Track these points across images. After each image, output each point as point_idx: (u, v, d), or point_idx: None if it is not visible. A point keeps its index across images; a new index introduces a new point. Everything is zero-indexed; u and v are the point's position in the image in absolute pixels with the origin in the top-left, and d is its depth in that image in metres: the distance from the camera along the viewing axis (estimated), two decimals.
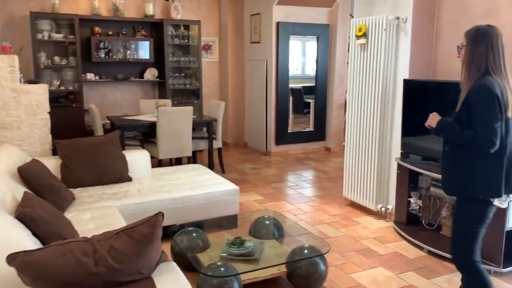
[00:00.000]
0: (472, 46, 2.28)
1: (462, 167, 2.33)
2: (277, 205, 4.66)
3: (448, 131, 2.37)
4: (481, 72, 2.25)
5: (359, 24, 4.17)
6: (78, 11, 6.44)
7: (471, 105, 2.24)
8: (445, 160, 2.44)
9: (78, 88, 6.36)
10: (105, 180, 3.90)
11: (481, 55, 2.25)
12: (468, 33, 2.33)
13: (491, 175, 2.27)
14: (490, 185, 2.28)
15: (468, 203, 2.35)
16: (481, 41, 2.26)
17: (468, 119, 2.26)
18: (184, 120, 5.15)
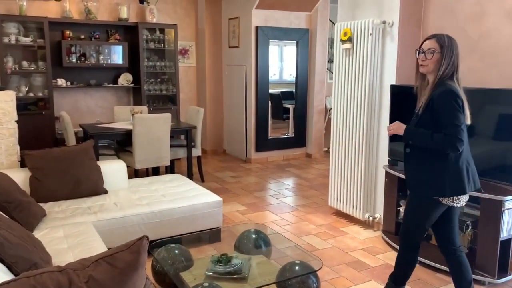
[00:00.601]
0: (448, 53, 2.40)
1: (426, 168, 2.47)
2: (261, 216, 4.49)
3: (418, 136, 2.47)
4: (446, 78, 2.39)
5: (344, 28, 4.05)
6: (48, 14, 6.13)
7: (440, 108, 2.36)
8: (408, 162, 2.58)
9: (48, 95, 6.05)
10: (78, 193, 3.65)
11: (452, 63, 2.40)
12: (441, 40, 2.43)
13: (454, 174, 2.42)
14: (454, 183, 2.42)
15: (426, 199, 2.49)
16: (453, 49, 2.41)
17: (432, 121, 2.40)
18: (161, 128, 4.93)
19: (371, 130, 4.00)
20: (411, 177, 2.58)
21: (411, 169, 2.58)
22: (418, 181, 2.53)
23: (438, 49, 2.41)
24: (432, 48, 2.42)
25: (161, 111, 6.65)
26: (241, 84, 6.92)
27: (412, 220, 2.63)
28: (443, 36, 2.45)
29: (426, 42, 2.49)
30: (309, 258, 2.89)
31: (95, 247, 2.70)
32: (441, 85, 2.39)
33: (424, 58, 2.45)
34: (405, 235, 2.69)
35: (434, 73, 2.44)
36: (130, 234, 3.33)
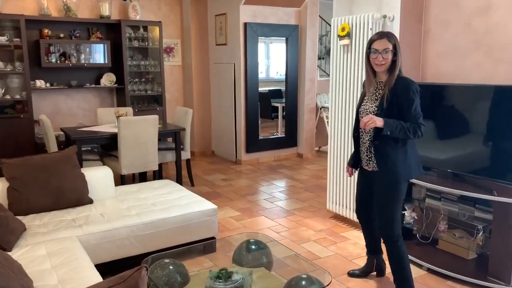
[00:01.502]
0: (399, 50, 2.64)
1: (395, 156, 2.66)
2: (256, 222, 4.27)
3: (397, 128, 2.57)
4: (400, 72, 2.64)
5: (341, 23, 3.85)
6: (24, 11, 5.80)
7: (409, 100, 2.58)
8: (378, 152, 2.71)
9: (27, 97, 5.72)
10: (61, 204, 3.38)
11: (401, 59, 2.66)
12: (393, 39, 2.63)
13: (416, 157, 2.74)
14: (418, 165, 2.74)
15: (404, 184, 2.70)
16: (400, 45, 2.66)
17: (398, 113, 2.59)
18: (149, 131, 4.67)
19: None
20: (386, 167, 2.69)
21: (380, 159, 2.70)
22: (390, 168, 2.67)
23: (392, 48, 2.61)
24: (387, 48, 2.59)
25: (146, 112, 6.38)
26: (230, 83, 6.68)
27: (393, 208, 2.73)
28: (391, 35, 2.64)
29: (378, 43, 2.62)
30: (314, 270, 2.69)
31: (82, 266, 2.45)
32: (400, 79, 2.61)
33: (382, 59, 2.60)
34: (391, 227, 2.74)
35: (389, 70, 2.63)
36: (119, 248, 3.08)
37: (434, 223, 3.48)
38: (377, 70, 2.67)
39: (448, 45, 3.50)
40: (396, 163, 2.66)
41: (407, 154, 2.67)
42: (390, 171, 2.68)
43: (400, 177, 2.68)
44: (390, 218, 2.73)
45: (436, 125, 3.34)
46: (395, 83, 2.61)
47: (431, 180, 3.27)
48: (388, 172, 2.68)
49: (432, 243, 3.49)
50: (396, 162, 2.66)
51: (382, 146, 2.66)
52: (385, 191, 2.72)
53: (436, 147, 3.33)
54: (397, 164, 2.66)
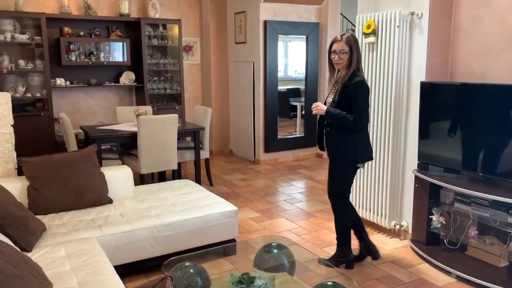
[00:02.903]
0: (355, 51, 2.95)
1: (345, 142, 3.01)
2: (276, 224, 4.18)
3: (335, 116, 2.96)
4: (355, 70, 2.94)
5: (367, 20, 3.73)
6: (45, 10, 5.81)
7: (353, 95, 2.90)
8: (330, 138, 3.10)
9: (47, 95, 5.73)
10: (81, 203, 3.35)
11: (357, 57, 2.96)
12: (349, 42, 2.95)
13: (365, 145, 3.06)
14: (365, 152, 3.06)
15: (350, 168, 3.07)
16: (358, 46, 2.99)
17: (348, 105, 2.92)
18: (168, 130, 4.62)
19: (398, 130, 3.69)
20: (335, 151, 3.09)
21: (333, 144, 3.08)
22: (341, 153, 3.04)
23: (348, 50, 2.93)
24: (343, 50, 2.94)
25: (165, 111, 6.35)
26: (249, 81, 6.60)
27: (342, 185, 3.17)
28: (349, 37, 2.96)
29: (337, 44, 2.97)
30: (338, 275, 2.59)
31: (102, 269, 2.40)
32: (353, 76, 2.93)
33: (338, 58, 2.95)
34: (339, 199, 3.22)
35: (346, 67, 2.98)
36: (139, 249, 3.03)
37: (462, 229, 3.34)
38: (336, 67, 3.04)
39: (479, 43, 3.36)
40: (343, 148, 3.03)
41: (354, 141, 3.00)
42: (337, 155, 3.08)
43: (345, 160, 3.06)
44: (338, 194, 3.21)
45: (466, 126, 3.20)
46: (349, 79, 2.94)
47: (460, 183, 3.14)
48: (336, 155, 3.09)
49: (461, 249, 3.35)
50: (343, 147, 3.02)
51: (332, 132, 3.06)
52: (334, 172, 3.16)
53: (466, 149, 3.20)
54: (344, 149, 3.02)
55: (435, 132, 3.41)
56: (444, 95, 3.36)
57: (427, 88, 3.42)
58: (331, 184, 3.21)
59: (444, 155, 3.35)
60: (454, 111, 3.28)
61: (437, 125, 3.40)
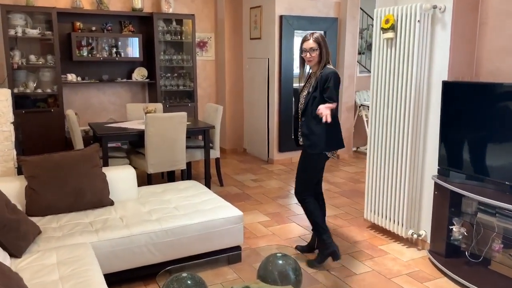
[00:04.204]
0: (323, 48, 3.15)
1: (317, 131, 3.12)
2: (286, 229, 3.98)
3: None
4: (326, 63, 3.15)
5: (385, 14, 3.49)
6: (57, 4, 5.72)
7: (327, 86, 3.05)
8: (303, 127, 3.20)
9: (57, 91, 5.65)
10: (80, 205, 3.22)
11: (326, 53, 3.16)
12: (317, 40, 3.15)
13: (334, 133, 3.18)
14: (334, 140, 3.19)
15: (317, 155, 3.19)
16: (326, 43, 3.17)
17: (321, 96, 3.07)
18: (176, 128, 4.46)
19: (417, 133, 3.44)
20: (307, 139, 3.18)
21: (306, 133, 3.18)
22: (312, 142, 3.16)
23: (317, 47, 3.14)
24: (313, 47, 3.13)
25: (178, 108, 6.22)
26: (263, 78, 6.40)
27: (311, 173, 3.29)
28: (317, 36, 3.17)
29: (306, 43, 3.16)
30: None
31: (91, 279, 2.25)
32: (324, 69, 3.13)
33: (310, 55, 3.14)
34: (304, 187, 3.30)
35: (317, 63, 3.17)
36: (137, 255, 2.88)
37: (486, 241, 3.08)
38: (308, 64, 3.23)
39: (508, 40, 3.08)
40: (313, 134, 3.14)
41: (326, 128, 3.08)
42: (309, 141, 3.17)
43: (319, 150, 3.16)
44: (303, 182, 3.30)
45: (492, 130, 2.93)
46: (321, 73, 3.12)
47: (485, 192, 2.88)
48: (307, 141, 3.18)
49: (483, 263, 3.09)
50: (318, 138, 3.14)
51: (306, 120, 3.16)
52: (304, 160, 3.28)
53: (492, 156, 2.93)
54: (315, 135, 3.14)
55: (458, 136, 3.15)
56: (468, 96, 3.09)
57: (449, 88, 3.15)
58: (299, 176, 3.33)
59: (467, 161, 3.09)
60: (479, 113, 3.01)
61: (460, 129, 3.13)
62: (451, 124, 3.18)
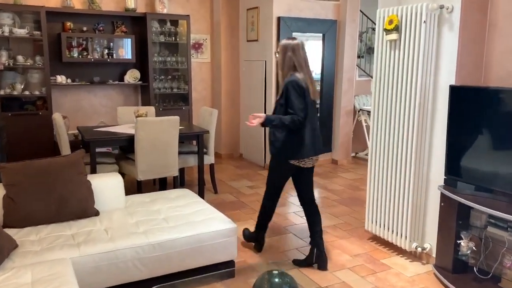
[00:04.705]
0: (281, 53, 3.14)
1: (280, 139, 3.12)
2: (283, 240, 3.78)
3: (275, 121, 3.05)
4: (291, 70, 3.10)
5: (389, 15, 3.30)
6: (46, 3, 5.51)
7: (288, 95, 3.03)
8: (271, 134, 3.21)
9: (46, 93, 5.44)
10: (63, 216, 3.01)
11: (285, 60, 3.12)
12: (280, 44, 3.17)
13: (300, 142, 3.09)
14: (300, 149, 3.09)
15: (281, 161, 3.18)
16: (286, 49, 3.12)
17: (285, 104, 3.06)
18: (169, 133, 4.25)
19: (422, 140, 3.25)
20: (273, 146, 3.19)
21: (272, 140, 3.20)
22: (276, 149, 3.17)
23: (278, 51, 3.19)
24: (276, 51, 3.24)
25: (171, 111, 6.01)
26: (260, 81, 6.21)
27: (275, 178, 3.35)
28: (282, 41, 3.18)
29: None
30: None
31: None
32: (288, 76, 3.11)
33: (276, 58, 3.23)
34: (268, 193, 3.43)
35: (280, 69, 3.19)
36: (122, 271, 2.67)
37: (495, 256, 2.88)
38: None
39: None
40: (278, 146, 3.14)
41: (289, 136, 3.09)
42: (273, 148, 3.19)
43: (280, 157, 3.19)
44: (268, 188, 3.41)
45: (503, 138, 2.74)
46: (285, 81, 3.11)
47: (496, 205, 2.69)
48: (272, 148, 3.20)
49: (493, 280, 2.89)
50: (279, 145, 3.13)
51: (273, 130, 3.18)
52: (270, 167, 3.34)
53: (503, 165, 2.74)
54: (280, 146, 3.13)
55: (466, 144, 2.96)
56: (478, 102, 2.90)
57: (457, 92, 2.97)
58: (266, 182, 3.45)
59: (476, 171, 2.90)
60: (489, 120, 2.82)
61: (469, 136, 2.94)
62: (458, 131, 2.99)
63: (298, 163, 3.13)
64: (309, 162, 3.17)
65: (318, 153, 3.19)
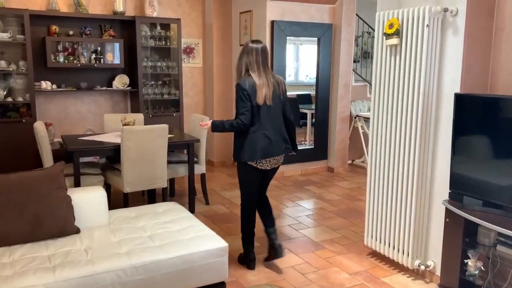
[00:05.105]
0: (239, 57, 3.18)
1: (235, 141, 3.21)
2: None
3: (219, 127, 3.20)
4: (244, 73, 3.13)
5: (389, 18, 3.11)
6: (30, 6, 5.29)
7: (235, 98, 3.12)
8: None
9: (30, 99, 5.21)
10: (40, 234, 2.78)
11: (244, 62, 3.14)
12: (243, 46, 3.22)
13: (250, 145, 3.11)
14: (252, 150, 3.11)
15: (241, 165, 3.22)
16: (243, 53, 3.15)
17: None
18: (157, 142, 4.04)
19: (424, 151, 3.06)
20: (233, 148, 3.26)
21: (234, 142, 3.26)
22: (234, 151, 3.23)
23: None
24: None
25: (162, 118, 5.82)
26: None
27: (243, 184, 3.31)
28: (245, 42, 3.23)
29: None
30: None
31: None
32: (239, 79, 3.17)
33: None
34: (242, 198, 3.36)
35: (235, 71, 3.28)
36: None
37: (504, 276, 2.69)
38: None
39: None
40: (235, 148, 3.22)
41: (239, 138, 3.17)
42: (233, 155, 3.27)
43: (237, 159, 3.23)
44: (242, 196, 3.34)
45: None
46: None
47: (506, 222, 2.50)
48: (233, 153, 3.27)
49: None
50: (235, 148, 3.22)
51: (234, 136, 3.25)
52: (237, 174, 3.31)
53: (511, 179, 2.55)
54: (235, 149, 3.21)
55: (473, 155, 2.77)
56: (485, 111, 2.71)
57: (463, 101, 2.78)
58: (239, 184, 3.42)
59: (484, 185, 2.71)
60: (498, 130, 2.64)
61: (476, 147, 2.76)
62: (464, 142, 2.80)
63: (256, 164, 3.14)
64: (266, 164, 3.17)
65: (268, 156, 3.14)
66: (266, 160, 3.15)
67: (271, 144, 3.13)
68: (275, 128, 3.16)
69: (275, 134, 3.15)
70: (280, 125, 3.20)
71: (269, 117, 3.12)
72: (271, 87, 3.10)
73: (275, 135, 3.15)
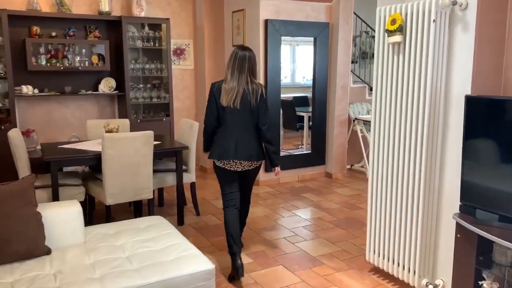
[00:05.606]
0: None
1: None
2: (272, 275, 3.28)
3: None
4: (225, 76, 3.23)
5: (391, 13, 2.83)
6: (9, 6, 5.01)
7: None
8: None
9: (10, 105, 4.92)
10: (5, 256, 2.49)
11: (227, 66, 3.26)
12: None
13: (216, 146, 3.23)
14: (220, 152, 3.19)
15: (214, 166, 3.31)
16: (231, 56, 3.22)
17: None
18: (141, 150, 3.75)
19: (432, 159, 2.78)
20: None
21: None
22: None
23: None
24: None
25: (151, 123, 5.55)
26: None
27: (219, 184, 3.36)
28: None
29: None
30: None
31: None
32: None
33: None
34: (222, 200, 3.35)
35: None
36: None
37: None
38: None
39: None
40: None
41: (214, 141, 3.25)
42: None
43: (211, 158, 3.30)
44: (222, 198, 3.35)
45: None
46: None
47: None
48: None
49: None
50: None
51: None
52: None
53: None
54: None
55: (486, 164, 2.49)
56: (500, 115, 2.43)
57: (475, 104, 2.50)
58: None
59: (499, 197, 2.43)
60: (501, 136, 2.36)
61: (489, 155, 2.48)
62: (476, 149, 2.53)
63: (224, 165, 3.19)
64: (235, 166, 3.20)
65: (223, 158, 3.16)
66: (234, 162, 3.18)
67: (229, 147, 3.14)
68: (240, 133, 3.15)
69: (238, 138, 3.14)
70: (246, 130, 3.17)
71: (235, 120, 3.14)
72: (240, 91, 3.10)
73: (237, 139, 3.14)
